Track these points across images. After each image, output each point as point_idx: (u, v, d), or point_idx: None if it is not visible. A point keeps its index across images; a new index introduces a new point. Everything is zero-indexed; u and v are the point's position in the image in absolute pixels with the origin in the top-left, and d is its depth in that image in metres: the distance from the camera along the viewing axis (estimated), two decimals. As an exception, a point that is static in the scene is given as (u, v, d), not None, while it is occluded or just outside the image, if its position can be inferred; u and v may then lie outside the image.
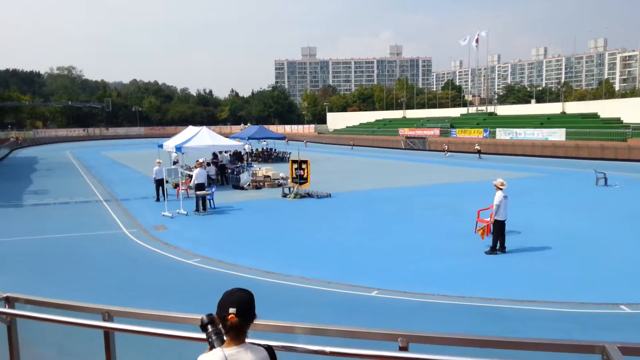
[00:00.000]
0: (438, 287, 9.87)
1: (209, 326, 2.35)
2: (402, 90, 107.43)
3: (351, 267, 11.61)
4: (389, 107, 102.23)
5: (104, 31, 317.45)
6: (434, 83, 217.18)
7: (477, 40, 71.99)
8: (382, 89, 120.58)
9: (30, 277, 11.28)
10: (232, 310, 2.25)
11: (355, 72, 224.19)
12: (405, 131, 66.59)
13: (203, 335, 2.47)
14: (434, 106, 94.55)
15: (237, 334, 2.28)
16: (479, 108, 77.14)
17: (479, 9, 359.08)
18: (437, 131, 62.36)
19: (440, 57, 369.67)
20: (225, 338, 2.31)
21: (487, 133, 55.00)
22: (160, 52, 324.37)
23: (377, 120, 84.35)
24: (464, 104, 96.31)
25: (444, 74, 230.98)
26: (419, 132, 64.41)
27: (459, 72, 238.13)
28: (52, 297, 4.03)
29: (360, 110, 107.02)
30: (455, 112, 75.78)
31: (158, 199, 21.40)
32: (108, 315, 3.25)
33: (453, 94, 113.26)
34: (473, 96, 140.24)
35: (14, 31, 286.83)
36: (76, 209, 20.84)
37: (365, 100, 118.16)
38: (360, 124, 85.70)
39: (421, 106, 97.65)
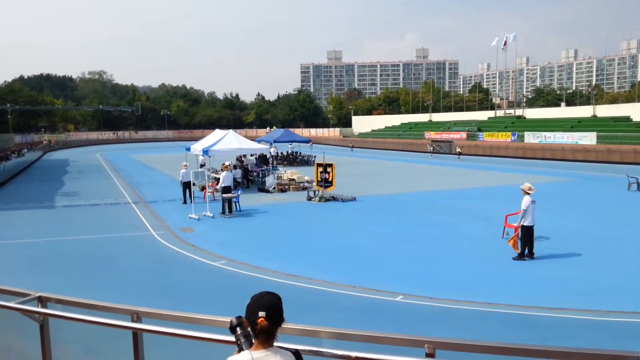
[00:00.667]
0: (464, 293, 9.74)
1: (238, 328, 2.37)
2: (428, 93, 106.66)
3: (376, 271, 11.56)
4: (415, 110, 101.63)
5: (134, 36, 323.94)
6: (461, 86, 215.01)
7: (505, 43, 71.02)
8: (408, 92, 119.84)
9: (61, 277, 11.56)
10: (261, 313, 2.27)
11: (380, 75, 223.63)
12: (431, 135, 66.04)
13: (231, 338, 2.50)
14: (460, 109, 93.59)
15: (266, 337, 2.30)
16: (507, 111, 75.96)
17: (507, 10, 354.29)
18: (463, 135, 61.65)
19: (467, 60, 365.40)
20: (253, 341, 2.33)
21: (516, 137, 54.12)
22: (189, 56, 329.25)
23: (402, 124, 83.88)
24: (492, 107, 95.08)
25: (471, 76, 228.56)
26: (445, 136, 63.78)
27: (487, 74, 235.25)
28: (81, 297, 4.12)
29: (385, 113, 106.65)
30: (482, 115, 74.84)
31: (185, 202, 21.68)
32: (137, 316, 3.30)
33: (480, 97, 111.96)
34: (501, 99, 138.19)
35: (47, 36, 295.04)
36: (106, 210, 21.28)
37: (391, 104, 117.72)
38: (386, 127, 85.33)
39: (448, 109, 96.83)
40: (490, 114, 75.63)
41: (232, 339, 2.67)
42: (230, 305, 8.93)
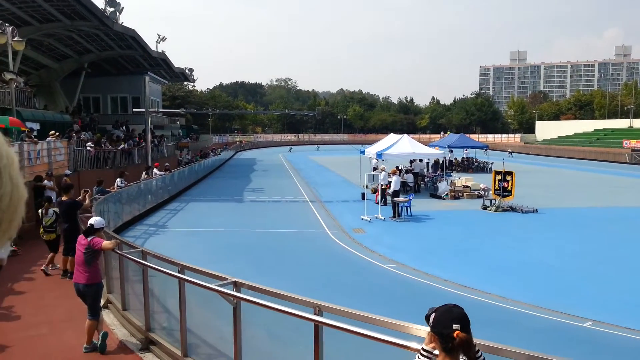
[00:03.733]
0: (672, 328, 8.35)
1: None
2: (629, 96, 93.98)
3: (560, 291, 10.53)
4: (612, 115, 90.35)
5: (316, 45, 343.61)
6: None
7: None
8: (603, 95, 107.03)
9: (248, 264, 12.72)
10: (456, 326, 2.19)
11: (571, 76, 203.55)
12: (631, 143, 58.12)
13: (407, 343, 2.47)
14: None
15: (466, 350, 2.20)
16: None
17: None
18: (674, 144, 53.08)
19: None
20: (441, 354, 2.25)
21: None
22: (366, 61, 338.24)
23: (596, 130, 75.25)
24: None
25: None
26: (649, 145, 55.61)
27: None
28: (264, 285, 4.48)
29: (575, 118, 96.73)
30: (701, 121, 63.56)
31: (385, 203, 20.90)
32: (319, 310, 3.47)
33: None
34: None
35: (244, 48, 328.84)
36: (286, 207, 22.90)
37: (582, 108, 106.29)
38: (575, 133, 77.37)
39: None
40: None
41: (408, 343, 2.64)
42: (401, 309, 8.92)
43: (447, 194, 24.72)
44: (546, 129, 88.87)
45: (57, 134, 19.03)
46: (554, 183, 32.21)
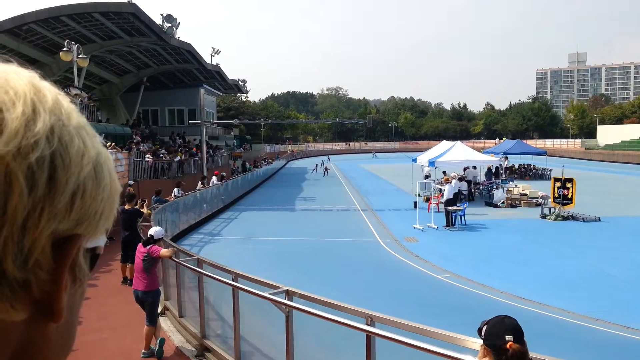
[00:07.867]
0: None
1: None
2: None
3: (626, 305, 9.97)
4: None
5: (367, 53, 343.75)
6: None
7: None
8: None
9: (299, 273, 12.79)
10: (508, 337, 2.14)
11: (635, 78, 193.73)
12: None
13: (466, 358, 2.42)
14: None
15: None
16: None
17: None
18: None
19: None
20: None
21: None
22: (417, 68, 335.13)
23: (663, 134, 71.16)
24: None
25: None
26: None
27: None
28: (315, 294, 4.49)
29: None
30: None
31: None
32: (371, 320, 3.45)
33: None
34: None
35: (295, 57, 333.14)
36: (337, 216, 22.91)
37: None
38: (640, 138, 73.45)
39: None
40: None
41: (462, 356, 2.59)
42: (455, 320, 8.70)
43: (503, 202, 24.01)
44: (608, 134, 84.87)
45: (112, 144, 19.91)
46: (618, 190, 30.64)
